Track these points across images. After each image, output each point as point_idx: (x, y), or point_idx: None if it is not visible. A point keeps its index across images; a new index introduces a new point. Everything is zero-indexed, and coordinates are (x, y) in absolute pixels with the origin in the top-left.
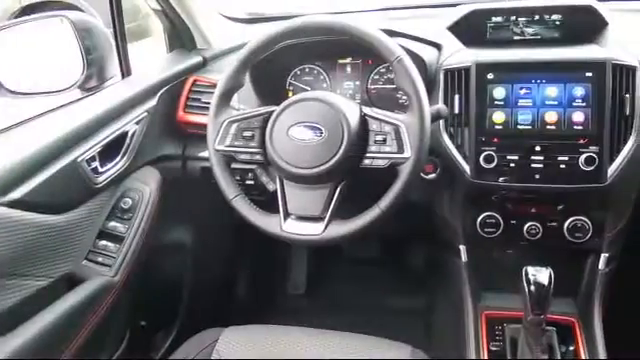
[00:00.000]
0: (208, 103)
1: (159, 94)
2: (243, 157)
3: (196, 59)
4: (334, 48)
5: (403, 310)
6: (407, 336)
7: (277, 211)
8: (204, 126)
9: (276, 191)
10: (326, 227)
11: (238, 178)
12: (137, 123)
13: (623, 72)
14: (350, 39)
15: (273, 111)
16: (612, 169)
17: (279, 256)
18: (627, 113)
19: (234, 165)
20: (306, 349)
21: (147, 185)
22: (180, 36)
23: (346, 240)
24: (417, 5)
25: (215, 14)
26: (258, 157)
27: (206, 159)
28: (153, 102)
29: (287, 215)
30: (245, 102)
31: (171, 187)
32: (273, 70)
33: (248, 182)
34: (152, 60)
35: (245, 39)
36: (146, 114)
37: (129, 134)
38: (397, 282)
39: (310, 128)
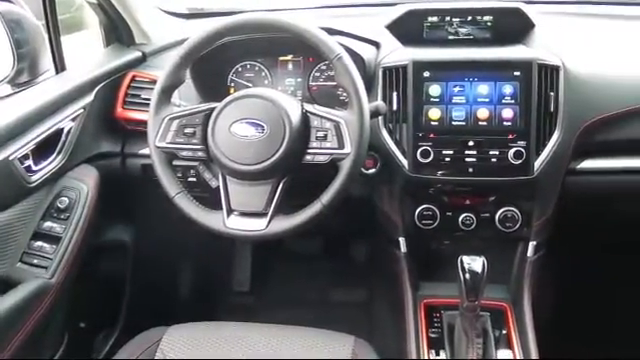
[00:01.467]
0: (148, 99)
1: (96, 90)
2: (185, 154)
3: (135, 54)
4: (275, 45)
5: (347, 303)
6: (351, 328)
7: (220, 208)
8: (144, 123)
9: (219, 188)
10: (269, 222)
11: (180, 175)
12: (73, 120)
13: (548, 71)
14: (291, 37)
15: (215, 108)
16: (538, 162)
17: (223, 253)
18: (551, 110)
19: (176, 162)
20: (251, 344)
21: (84, 183)
22: (117, 30)
23: (289, 235)
24: (356, 4)
25: (154, 8)
26: (200, 154)
27: (147, 156)
28: (89, 98)
29: (230, 211)
30: (186, 99)
31: (110, 185)
32: (214, 66)
33: (190, 179)
34: (88, 55)
35: (185, 34)
36: (82, 110)
37: (64, 131)
38: (341, 276)
39: (252, 125)
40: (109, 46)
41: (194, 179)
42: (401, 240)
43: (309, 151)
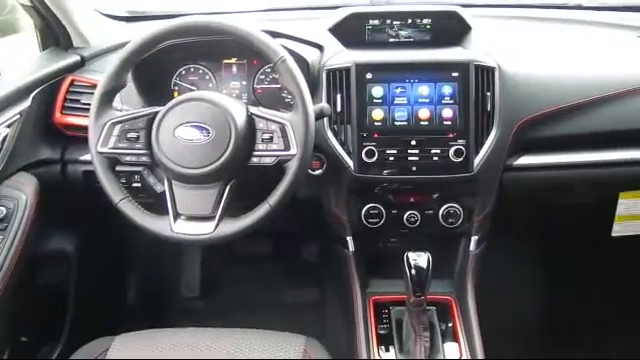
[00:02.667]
0: (88, 104)
1: (32, 95)
2: (128, 159)
3: (73, 58)
4: (219, 48)
5: (299, 304)
6: (303, 328)
7: (166, 213)
8: (85, 128)
9: (164, 192)
10: (217, 225)
11: (124, 181)
12: (8, 126)
13: (484, 72)
14: (234, 40)
15: (158, 111)
16: (478, 160)
17: (171, 259)
18: (488, 109)
19: (119, 168)
20: (201, 349)
21: (23, 192)
22: (54, 33)
23: (237, 237)
24: (299, 7)
25: (92, 11)
26: (144, 159)
27: (88, 162)
28: (26, 104)
29: (177, 216)
30: (128, 103)
31: (50, 193)
32: (157, 70)
33: (135, 185)
34: (24, 59)
35: (126, 38)
36: (18, 116)
37: (0, 138)
38: (292, 277)
39: (197, 128)
40: (46, 50)
41: (139, 184)
42: (349, 239)
43: (255, 153)
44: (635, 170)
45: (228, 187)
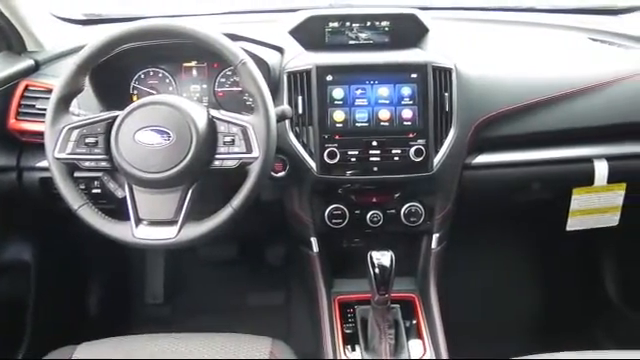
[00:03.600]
0: (44, 109)
1: None
2: (87, 164)
3: (27, 62)
4: (178, 51)
5: (265, 306)
6: (270, 331)
7: (128, 218)
8: (41, 134)
9: (125, 198)
10: (180, 230)
11: (83, 187)
12: None
13: (442, 73)
14: (194, 43)
15: (117, 116)
16: (437, 159)
17: (134, 265)
18: (447, 109)
19: (77, 174)
20: (166, 355)
21: None
22: (6, 37)
23: (201, 241)
24: (258, 10)
25: (47, 14)
26: (104, 164)
27: (45, 169)
28: None
29: (139, 221)
30: (86, 107)
31: (6, 201)
32: (115, 74)
33: (94, 191)
34: None
35: (82, 41)
36: None
37: None
38: (257, 280)
39: (157, 132)
40: None
41: (98, 190)
42: (313, 240)
43: (217, 156)
44: (587, 167)
45: (190, 191)
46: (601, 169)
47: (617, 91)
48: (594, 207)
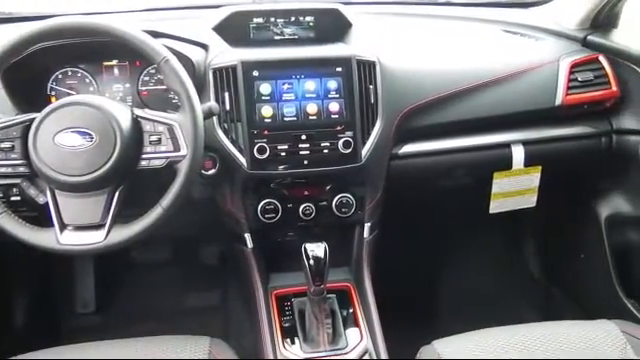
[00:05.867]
0: None
1: None
2: (3, 171)
3: None
4: (98, 50)
5: (202, 307)
6: (207, 331)
7: (52, 224)
8: None
9: (48, 203)
10: (108, 233)
11: (1, 195)
12: None
13: (366, 67)
14: (113, 41)
15: (34, 118)
16: (365, 150)
17: (61, 273)
18: (372, 102)
19: None
20: None
21: None
22: None
23: (131, 244)
24: (180, 6)
25: None
26: (22, 169)
27: None
28: None
29: (63, 227)
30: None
31: None
32: (30, 74)
33: (13, 198)
34: None
35: None
36: None
37: None
38: (193, 281)
39: (79, 134)
40: None
41: (18, 197)
42: (246, 236)
43: (144, 156)
44: (505, 152)
45: (117, 193)
46: (518, 153)
47: (530, 79)
48: (513, 190)
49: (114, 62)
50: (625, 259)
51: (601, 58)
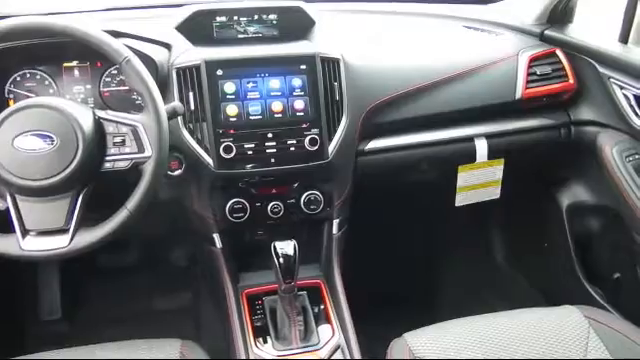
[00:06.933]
0: None
1: None
2: None
3: None
4: (57, 51)
5: (173, 310)
6: (179, 333)
7: (13, 230)
8: None
9: (8, 209)
10: (72, 238)
11: None
12: None
13: (330, 64)
14: (73, 41)
15: None
16: (331, 147)
17: (25, 280)
18: (337, 98)
19: None
20: None
21: None
22: None
23: (97, 247)
24: (142, 5)
25: None
26: None
27: None
28: None
29: (25, 232)
30: None
31: None
32: None
33: None
34: None
35: None
36: None
37: None
38: (162, 283)
39: (39, 137)
40: None
41: None
42: (215, 236)
43: (108, 158)
44: (469, 145)
45: (81, 196)
46: (481, 147)
47: (490, 74)
48: (478, 182)
49: (74, 63)
50: (586, 246)
51: (558, 52)
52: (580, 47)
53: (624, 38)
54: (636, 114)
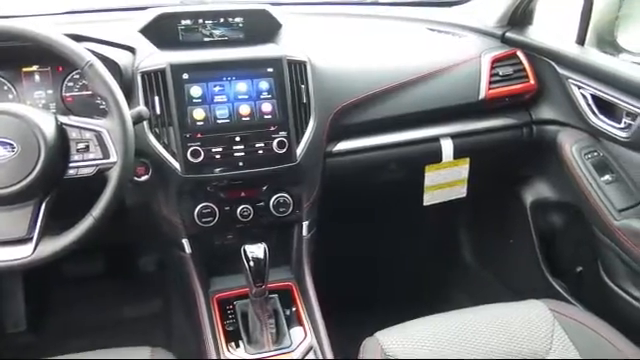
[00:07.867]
0: None
1: None
2: None
3: None
4: (16, 55)
5: (142, 317)
6: (150, 341)
7: None
8: None
9: None
10: (36, 247)
11: None
12: None
13: (297, 67)
14: (32, 45)
15: None
16: (300, 149)
17: None
18: (304, 101)
19: None
20: None
21: None
22: None
23: (62, 256)
24: (104, 9)
25: None
26: None
27: None
28: None
29: None
30: None
31: None
32: None
33: None
34: None
35: None
36: None
37: None
38: (132, 290)
39: None
40: None
41: None
42: (185, 242)
43: (71, 165)
44: (435, 145)
45: (44, 204)
46: (447, 146)
47: (455, 75)
48: (444, 182)
49: (34, 68)
50: (550, 241)
51: (519, 53)
52: (540, 48)
53: (581, 39)
54: (594, 113)
